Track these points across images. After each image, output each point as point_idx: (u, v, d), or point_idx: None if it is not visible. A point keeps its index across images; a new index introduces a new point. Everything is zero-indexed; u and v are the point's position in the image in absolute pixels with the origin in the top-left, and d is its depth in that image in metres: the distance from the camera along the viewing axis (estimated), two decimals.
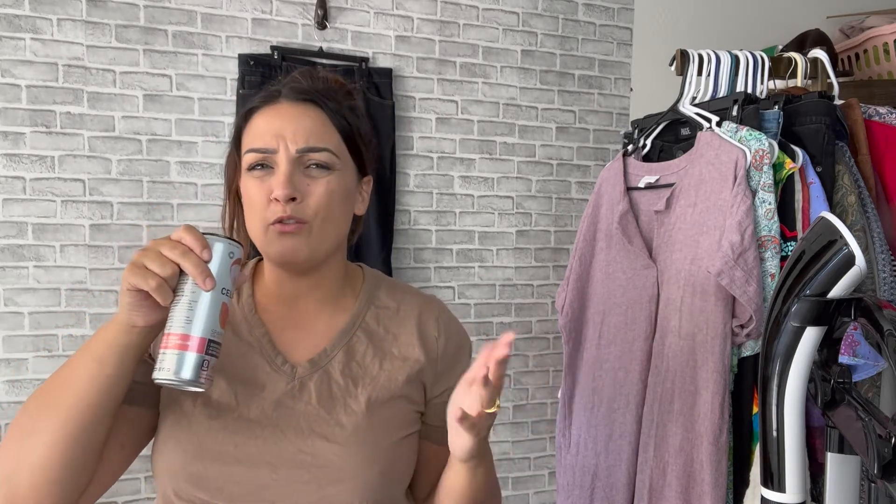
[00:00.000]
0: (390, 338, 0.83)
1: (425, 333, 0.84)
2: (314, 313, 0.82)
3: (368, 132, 0.85)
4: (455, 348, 0.86)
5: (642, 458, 1.35)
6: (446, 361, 0.85)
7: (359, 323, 0.83)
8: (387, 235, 1.94)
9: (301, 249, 0.75)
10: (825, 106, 1.23)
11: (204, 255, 0.65)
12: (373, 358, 0.81)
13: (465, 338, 0.89)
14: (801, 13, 2.21)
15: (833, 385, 0.79)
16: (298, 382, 0.78)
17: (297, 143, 0.75)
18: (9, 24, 1.68)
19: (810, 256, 0.75)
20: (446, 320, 0.87)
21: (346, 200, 0.80)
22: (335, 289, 0.84)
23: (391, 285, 0.89)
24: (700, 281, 1.23)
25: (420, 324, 0.85)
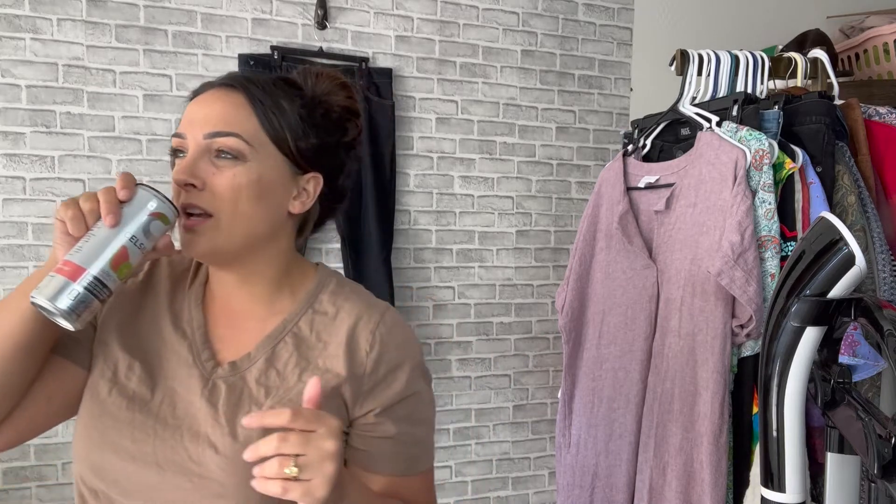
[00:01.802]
0: (320, 346, 0.76)
1: (354, 345, 0.75)
2: (247, 313, 0.78)
3: (323, 125, 0.78)
4: (388, 366, 0.75)
5: (642, 458, 1.35)
6: (374, 379, 0.75)
7: (290, 328, 0.76)
8: (387, 235, 1.94)
9: (198, 244, 0.70)
10: (825, 106, 1.23)
11: (120, 193, 0.64)
12: (294, 367, 0.74)
13: (407, 356, 0.77)
14: (801, 13, 2.21)
15: (833, 385, 0.79)
16: (212, 384, 0.73)
17: (205, 128, 0.70)
18: (9, 24, 1.68)
19: (810, 256, 0.75)
20: (385, 333, 0.76)
21: (264, 195, 0.72)
22: (269, 289, 0.77)
23: (339, 289, 0.81)
24: (700, 281, 1.23)
25: (351, 334, 0.76)
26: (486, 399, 2.14)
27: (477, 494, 2.14)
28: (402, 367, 0.76)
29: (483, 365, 2.13)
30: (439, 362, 2.08)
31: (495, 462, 2.16)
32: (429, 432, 0.81)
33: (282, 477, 0.57)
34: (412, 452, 0.78)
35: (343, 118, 0.81)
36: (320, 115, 0.78)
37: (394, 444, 0.76)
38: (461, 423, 2.11)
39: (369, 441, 0.75)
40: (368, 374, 0.74)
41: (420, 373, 0.79)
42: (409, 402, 0.76)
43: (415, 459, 0.78)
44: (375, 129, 1.92)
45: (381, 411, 0.74)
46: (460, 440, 2.11)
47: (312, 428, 0.59)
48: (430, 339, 2.07)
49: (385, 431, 0.75)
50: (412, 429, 0.77)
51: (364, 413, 0.75)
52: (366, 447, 0.75)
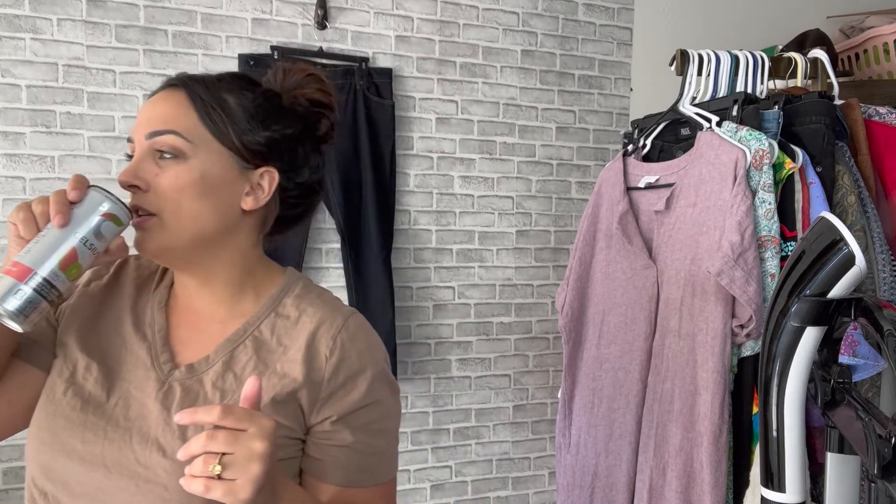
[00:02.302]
0: (280, 351, 0.74)
1: (314, 350, 0.73)
2: (209, 316, 0.76)
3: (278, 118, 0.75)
4: (348, 373, 0.73)
5: (642, 458, 1.35)
6: (333, 386, 0.72)
7: (251, 331, 0.75)
8: (387, 235, 1.94)
9: (146, 242, 0.70)
10: (825, 106, 1.23)
11: (70, 195, 0.64)
12: (252, 371, 0.72)
13: (369, 363, 0.75)
14: (801, 13, 2.21)
15: (833, 385, 0.79)
16: (167, 387, 0.72)
17: (147, 129, 0.70)
18: (9, 24, 1.68)
19: (810, 256, 0.75)
20: (347, 339, 0.74)
21: (209, 193, 0.70)
22: (230, 291, 0.76)
23: (304, 293, 0.79)
24: (700, 281, 1.23)
25: (312, 339, 0.74)
26: (486, 399, 2.14)
27: (477, 494, 2.14)
28: (362, 375, 0.74)
29: (483, 365, 2.13)
30: (439, 362, 2.08)
31: (495, 462, 2.16)
32: (390, 443, 0.78)
33: (205, 475, 0.56)
34: (369, 463, 0.75)
35: (311, 111, 0.79)
36: (276, 108, 0.76)
37: (349, 454, 0.74)
38: (461, 423, 2.11)
39: (324, 449, 0.73)
40: (327, 381, 0.72)
41: (383, 381, 0.76)
42: (368, 411, 0.74)
43: (371, 470, 0.76)
44: (375, 129, 1.92)
45: (337, 419, 0.72)
46: (460, 440, 2.11)
47: (243, 427, 0.58)
48: (430, 339, 2.07)
49: (341, 440, 0.73)
50: (371, 438, 0.75)
51: (321, 420, 0.73)
52: (320, 455, 0.73)
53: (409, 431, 2.06)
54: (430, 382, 2.07)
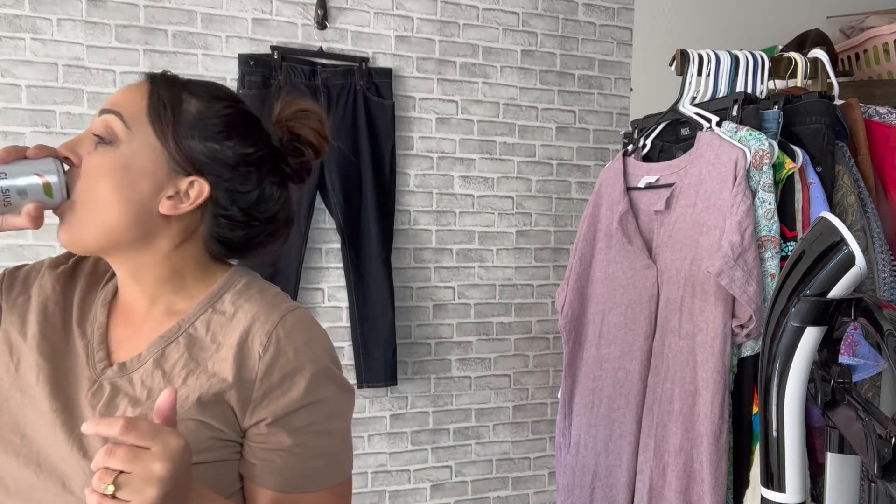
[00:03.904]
0: (213, 348, 0.71)
1: (247, 348, 0.70)
2: (145, 314, 0.74)
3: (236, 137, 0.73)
4: (284, 371, 0.69)
5: (642, 458, 1.35)
6: (267, 386, 0.69)
7: (185, 328, 0.72)
8: (387, 235, 1.94)
9: (60, 231, 0.69)
10: (825, 106, 1.23)
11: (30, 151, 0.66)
12: (181, 369, 0.70)
13: (308, 360, 0.71)
14: (801, 13, 2.21)
15: (833, 385, 0.79)
16: (98, 386, 0.70)
17: (104, 106, 0.70)
18: (9, 24, 1.68)
19: (810, 256, 0.75)
20: (283, 335, 0.70)
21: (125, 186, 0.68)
22: (162, 290, 0.74)
23: (245, 289, 0.76)
24: (700, 281, 1.23)
25: (246, 335, 0.70)
26: (486, 399, 2.14)
27: (477, 494, 2.14)
28: (300, 373, 0.70)
29: (483, 365, 2.13)
30: (439, 362, 2.08)
31: (495, 462, 2.16)
32: (338, 444, 0.74)
33: (99, 492, 0.53)
34: (312, 466, 0.71)
35: (289, 144, 0.77)
36: (242, 127, 0.74)
37: (287, 458, 0.70)
38: (461, 423, 2.11)
39: (260, 453, 0.70)
40: (260, 380, 0.69)
41: (326, 379, 0.72)
42: (310, 412, 0.70)
43: (314, 474, 0.72)
44: (375, 129, 1.92)
45: (273, 421, 0.69)
46: (460, 440, 2.11)
47: (145, 444, 0.54)
48: (430, 339, 2.07)
49: (278, 443, 0.69)
50: (313, 441, 0.71)
51: (255, 422, 0.69)
52: (254, 459, 0.70)
53: (409, 431, 2.06)
54: (430, 382, 2.07)
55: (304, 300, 1.93)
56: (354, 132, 1.90)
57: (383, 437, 2.03)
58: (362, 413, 2.01)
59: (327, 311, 1.96)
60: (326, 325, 1.96)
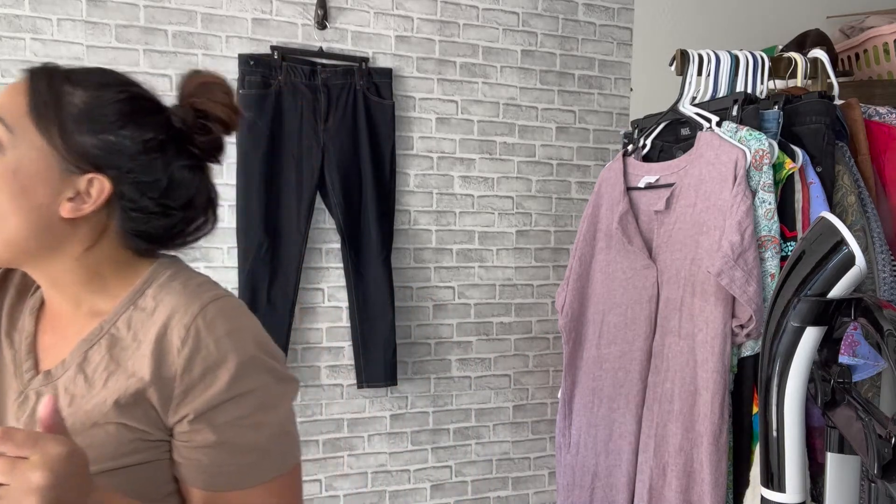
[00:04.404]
0: (134, 346, 0.67)
1: (165, 343, 0.66)
2: (68, 319, 0.71)
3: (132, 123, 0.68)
4: (205, 365, 0.66)
5: (642, 458, 1.35)
6: (188, 381, 0.65)
7: (107, 329, 0.69)
8: (387, 235, 1.94)
9: None
10: (825, 106, 1.23)
11: None
12: (103, 371, 0.67)
13: (231, 350, 0.67)
14: (801, 13, 2.21)
15: (833, 385, 0.79)
16: (24, 396, 0.67)
17: None
18: (9, 25, 1.68)
19: (810, 256, 0.75)
20: (203, 326, 0.67)
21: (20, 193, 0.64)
22: (82, 291, 0.70)
23: (168, 282, 0.72)
24: (700, 281, 1.23)
25: (164, 330, 0.67)
26: (486, 399, 2.14)
27: (477, 494, 2.14)
28: (223, 365, 0.66)
29: (483, 365, 2.13)
30: (439, 362, 2.08)
31: (495, 462, 2.16)
32: (270, 437, 0.70)
33: None
34: (241, 462, 0.68)
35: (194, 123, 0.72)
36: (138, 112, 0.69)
37: (214, 455, 0.67)
38: (461, 423, 2.11)
39: (185, 451, 0.67)
40: (180, 376, 0.65)
41: (254, 369, 0.68)
42: (235, 405, 0.67)
43: (244, 471, 0.68)
44: (375, 129, 1.92)
45: (195, 417, 0.66)
46: (460, 440, 2.11)
47: (24, 454, 0.51)
48: (430, 339, 2.07)
49: (203, 440, 0.66)
50: (241, 435, 0.67)
51: (178, 420, 0.66)
52: (180, 458, 0.67)
53: (409, 431, 2.06)
54: (430, 382, 2.07)
55: (304, 300, 1.93)
56: (354, 132, 1.90)
57: (383, 437, 2.03)
58: (362, 413, 2.01)
59: (327, 311, 1.96)
60: (326, 324, 1.96)
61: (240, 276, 1.82)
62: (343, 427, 1.99)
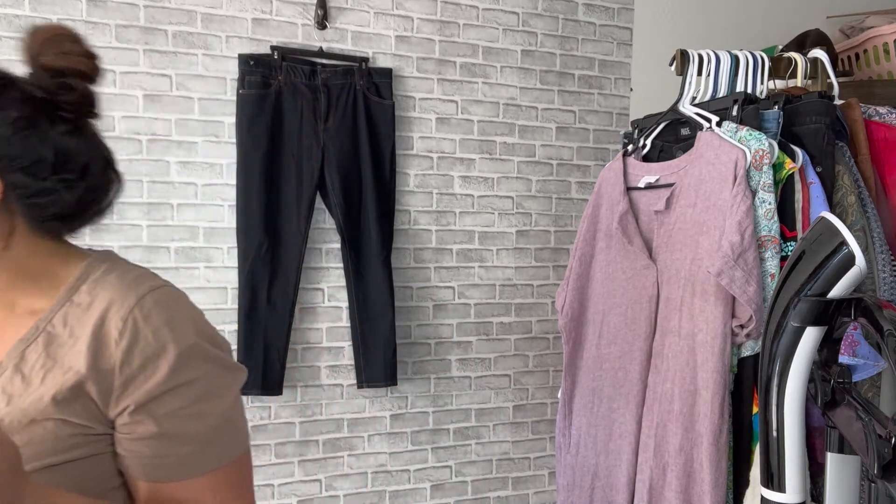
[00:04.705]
0: (71, 342, 0.66)
1: (102, 335, 0.65)
2: (5, 318, 0.70)
3: None
4: (144, 355, 0.65)
5: (642, 458, 1.35)
6: (128, 373, 0.65)
7: (43, 327, 0.67)
8: (387, 235, 1.94)
9: None
10: (825, 106, 1.23)
11: None
12: (39, 369, 0.66)
13: (170, 339, 0.66)
14: (801, 13, 2.21)
15: (833, 385, 0.79)
16: None
17: None
18: (9, 25, 1.68)
19: (810, 256, 0.75)
20: (140, 317, 0.66)
21: None
22: (12, 292, 0.69)
23: (105, 274, 0.70)
24: (700, 281, 1.23)
25: (101, 323, 0.66)
26: (486, 399, 2.14)
27: (477, 494, 2.14)
28: (163, 355, 0.65)
29: (483, 365, 2.13)
30: (439, 362, 2.08)
31: (495, 462, 2.16)
32: (213, 426, 0.69)
33: None
34: (185, 452, 0.67)
35: (51, 85, 0.67)
36: None
37: (156, 446, 0.66)
38: (461, 423, 2.11)
39: (127, 443, 0.67)
40: (119, 368, 0.65)
41: (195, 358, 0.68)
42: (175, 395, 0.66)
43: (186, 461, 0.68)
44: (375, 129, 1.92)
45: (136, 409, 0.65)
46: (460, 440, 2.11)
47: None
48: (430, 339, 2.07)
49: (144, 432, 0.66)
50: (182, 426, 0.67)
51: (119, 412, 0.65)
52: (123, 451, 0.67)
53: (409, 431, 2.06)
54: (430, 382, 2.07)
55: (304, 300, 1.93)
56: (354, 132, 1.90)
57: (383, 437, 2.03)
58: (362, 413, 2.01)
59: (327, 311, 1.96)
60: (326, 325, 1.96)
61: (240, 276, 1.82)
62: (343, 427, 1.99)
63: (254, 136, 1.81)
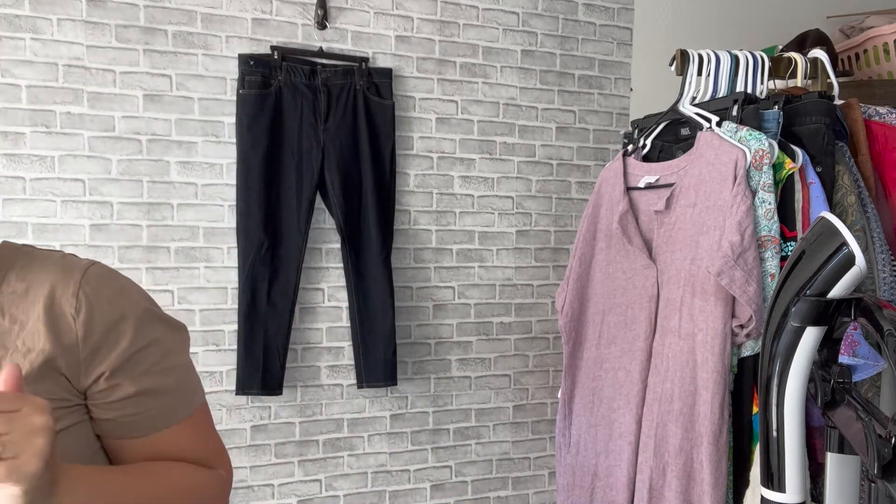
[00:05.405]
0: (16, 329, 0.69)
1: (56, 314, 0.69)
2: None
3: None
4: (105, 325, 0.70)
5: (642, 458, 1.35)
6: (92, 343, 0.70)
7: None
8: (387, 235, 1.94)
9: None
10: (825, 106, 1.23)
11: None
12: None
13: (125, 307, 0.72)
14: (801, 13, 2.21)
15: (833, 385, 0.79)
16: None
17: None
18: (9, 24, 1.68)
19: (810, 256, 0.75)
20: (90, 291, 0.71)
21: None
22: None
23: (28, 262, 0.73)
24: (700, 281, 1.23)
25: (51, 303, 0.69)
26: (486, 399, 2.14)
27: (477, 494, 2.14)
28: (124, 321, 0.71)
29: (483, 365, 2.13)
30: (439, 362, 2.08)
31: (495, 462, 2.16)
32: (181, 378, 0.77)
33: None
34: (164, 404, 0.75)
35: None
36: None
37: (139, 403, 0.72)
38: (461, 423, 2.11)
39: (110, 408, 0.72)
40: (83, 340, 0.69)
41: (151, 321, 0.74)
42: (145, 355, 0.73)
43: (167, 412, 0.75)
44: (375, 129, 1.92)
45: (111, 373, 0.70)
46: (460, 440, 2.11)
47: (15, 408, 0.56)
48: (430, 339, 2.07)
49: (124, 392, 0.71)
50: (157, 380, 0.74)
51: (94, 380, 0.70)
52: (109, 415, 0.72)
53: (409, 431, 2.06)
54: (430, 382, 2.07)
55: (304, 300, 1.93)
56: (354, 132, 1.90)
57: (383, 437, 2.03)
58: (362, 413, 2.01)
59: (327, 311, 1.96)
60: (326, 324, 1.96)
61: (240, 276, 1.82)
62: (343, 427, 1.99)
63: (254, 136, 1.81)
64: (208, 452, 0.80)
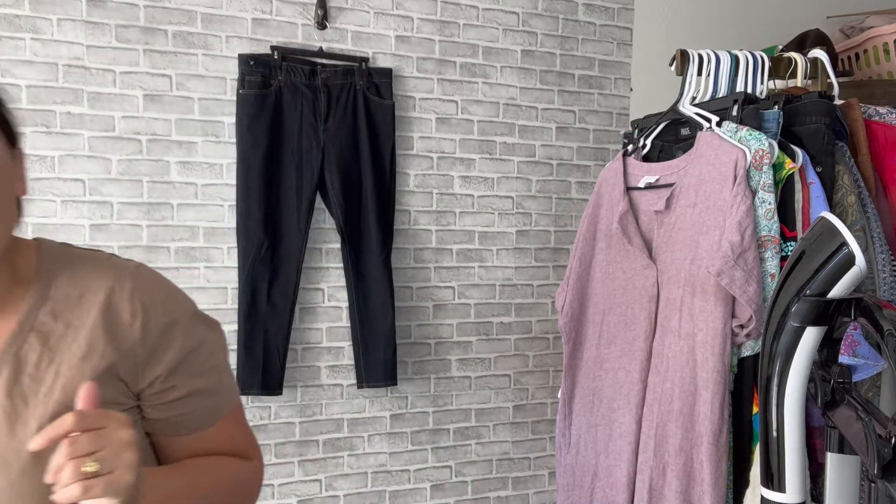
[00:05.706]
0: (71, 334, 0.69)
1: (115, 319, 0.70)
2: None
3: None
4: (160, 328, 0.71)
5: (642, 458, 1.35)
6: (149, 346, 0.71)
7: (30, 324, 0.68)
8: (387, 235, 1.94)
9: None
10: (825, 106, 1.23)
11: None
12: (48, 366, 0.67)
13: (176, 310, 0.74)
14: (801, 13, 2.21)
15: (833, 385, 0.79)
16: None
17: None
18: (9, 24, 1.68)
19: (810, 256, 0.75)
20: (145, 296, 0.72)
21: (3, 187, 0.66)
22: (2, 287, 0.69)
23: (75, 266, 0.73)
24: (700, 281, 1.23)
25: (108, 309, 0.70)
26: (486, 399, 2.14)
27: (477, 494, 2.14)
28: (177, 324, 0.73)
29: (483, 365, 2.13)
30: (439, 362, 2.08)
31: (495, 462, 2.16)
32: (222, 376, 0.79)
33: (80, 478, 0.55)
34: (211, 403, 0.77)
35: None
36: None
37: (191, 402, 0.75)
38: (461, 423, 2.11)
39: (164, 408, 0.73)
40: (140, 343, 0.70)
41: (197, 323, 0.76)
42: (195, 356, 0.75)
43: (215, 408, 0.78)
44: (375, 129, 1.92)
45: (167, 375, 0.72)
46: (460, 440, 2.11)
47: (101, 425, 0.58)
48: (430, 339, 2.07)
49: (178, 393, 0.73)
50: (205, 380, 0.76)
51: (150, 382, 0.72)
52: (162, 415, 0.74)
53: (409, 431, 2.06)
54: (430, 382, 2.07)
55: (304, 300, 1.93)
56: (354, 132, 1.90)
57: (383, 437, 2.03)
58: (362, 413, 2.01)
59: (327, 311, 1.96)
60: (326, 324, 1.96)
61: (240, 276, 1.82)
62: (343, 427, 1.99)
63: (254, 136, 1.81)
64: (246, 445, 0.83)
